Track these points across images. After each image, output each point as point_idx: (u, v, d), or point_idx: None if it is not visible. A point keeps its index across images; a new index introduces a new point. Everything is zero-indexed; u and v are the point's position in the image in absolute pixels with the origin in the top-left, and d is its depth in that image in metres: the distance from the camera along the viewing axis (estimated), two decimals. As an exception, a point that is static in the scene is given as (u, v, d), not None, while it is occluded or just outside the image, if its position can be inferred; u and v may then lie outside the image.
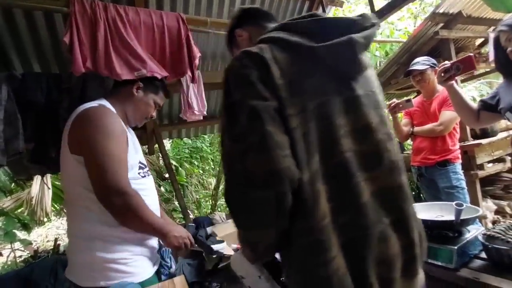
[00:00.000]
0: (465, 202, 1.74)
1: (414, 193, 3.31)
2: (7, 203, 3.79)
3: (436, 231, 1.09)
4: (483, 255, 1.01)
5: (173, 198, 4.55)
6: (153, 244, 1.18)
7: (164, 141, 3.03)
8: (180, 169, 5.14)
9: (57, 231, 6.20)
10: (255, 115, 0.59)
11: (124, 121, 1.17)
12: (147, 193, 1.15)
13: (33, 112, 1.67)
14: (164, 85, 1.38)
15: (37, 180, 3.55)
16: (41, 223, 4.38)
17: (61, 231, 6.07)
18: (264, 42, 0.69)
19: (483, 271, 0.94)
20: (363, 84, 0.71)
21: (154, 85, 1.32)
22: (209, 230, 2.11)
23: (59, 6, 1.43)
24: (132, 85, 1.25)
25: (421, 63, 2.18)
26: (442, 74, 1.36)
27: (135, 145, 1.20)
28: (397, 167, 0.69)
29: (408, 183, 0.73)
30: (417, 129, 2.31)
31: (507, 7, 1.88)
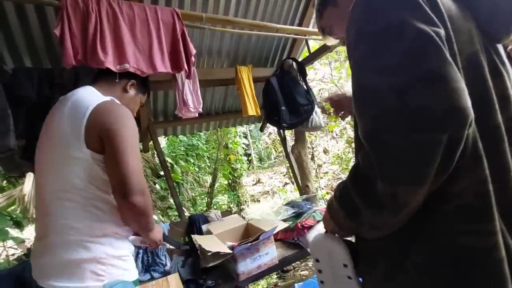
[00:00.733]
0: None
1: None
2: (-1, 200, 3.74)
3: None
4: None
5: (168, 195, 4.53)
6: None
7: (159, 138, 3.01)
8: (175, 166, 5.11)
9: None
10: (428, 41, 0.47)
11: None
12: None
13: (25, 108, 1.64)
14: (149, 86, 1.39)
15: (29, 177, 3.50)
16: (34, 220, 4.32)
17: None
18: None
19: None
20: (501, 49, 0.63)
21: (144, 85, 1.32)
22: (204, 227, 2.10)
23: (50, -1, 1.40)
24: (127, 81, 1.22)
25: None
26: None
27: None
28: None
29: None
30: None
31: None
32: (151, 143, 2.84)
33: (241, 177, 6.75)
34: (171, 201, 4.17)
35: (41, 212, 1.04)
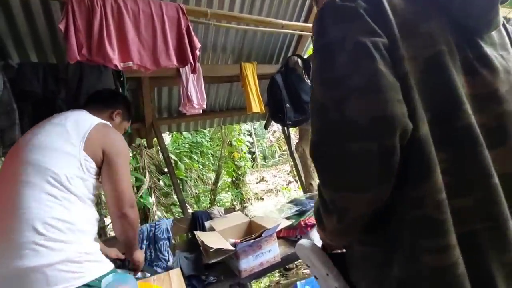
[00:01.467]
0: None
1: None
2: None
3: None
4: None
5: (171, 192, 4.54)
6: None
7: (164, 135, 3.01)
8: (179, 163, 5.12)
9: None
10: (362, 52, 0.49)
11: None
12: None
13: (30, 102, 1.65)
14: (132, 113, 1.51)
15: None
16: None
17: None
18: None
19: None
20: (492, 42, 0.59)
21: (129, 113, 1.44)
22: (207, 224, 2.10)
23: (56, -7, 1.40)
24: (113, 109, 1.33)
25: None
26: None
27: None
28: None
29: None
30: None
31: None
32: (155, 139, 2.85)
33: (244, 175, 6.76)
34: (175, 197, 4.18)
35: None
